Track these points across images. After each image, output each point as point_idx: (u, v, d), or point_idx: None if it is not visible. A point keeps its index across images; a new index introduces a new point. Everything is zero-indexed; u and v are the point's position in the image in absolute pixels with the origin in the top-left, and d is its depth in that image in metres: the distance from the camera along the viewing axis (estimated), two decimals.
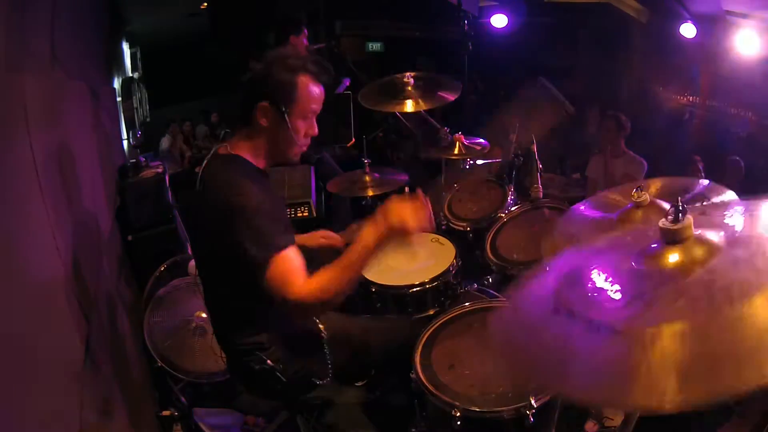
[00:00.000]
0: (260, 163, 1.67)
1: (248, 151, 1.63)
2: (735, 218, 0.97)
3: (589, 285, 0.93)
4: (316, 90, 1.61)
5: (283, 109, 1.56)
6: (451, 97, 2.80)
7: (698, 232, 0.90)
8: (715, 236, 0.90)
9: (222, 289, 1.67)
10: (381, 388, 2.56)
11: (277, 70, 1.56)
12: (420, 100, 2.77)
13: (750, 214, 0.98)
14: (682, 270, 0.86)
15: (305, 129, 1.63)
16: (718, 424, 1.74)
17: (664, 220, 0.91)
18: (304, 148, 1.69)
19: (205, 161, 1.67)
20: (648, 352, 0.73)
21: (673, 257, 0.88)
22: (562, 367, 0.83)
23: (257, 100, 1.57)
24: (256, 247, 1.45)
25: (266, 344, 1.69)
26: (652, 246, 0.92)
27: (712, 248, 0.88)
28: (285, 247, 1.48)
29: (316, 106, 1.63)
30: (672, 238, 0.90)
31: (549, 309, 0.94)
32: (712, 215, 1.01)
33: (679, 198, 0.89)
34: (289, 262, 1.48)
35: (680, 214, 0.89)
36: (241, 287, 1.62)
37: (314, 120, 1.66)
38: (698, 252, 0.87)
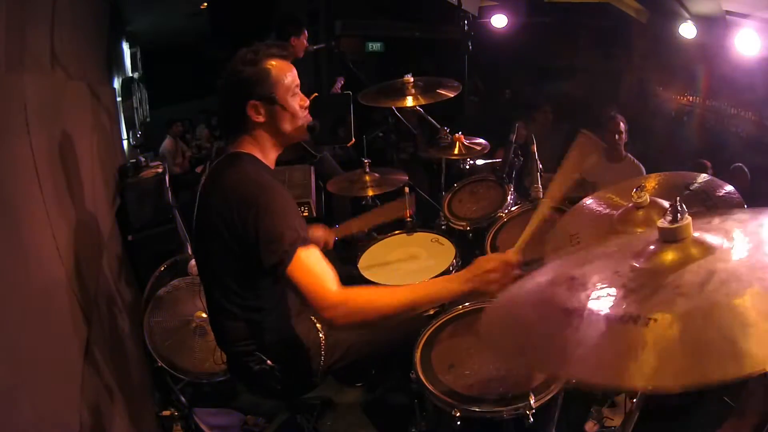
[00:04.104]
0: (269, 160, 1.71)
1: (256, 149, 1.67)
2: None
3: (587, 283, 0.93)
4: (286, 65, 1.66)
5: (272, 95, 1.61)
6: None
7: (697, 233, 0.90)
8: (713, 238, 0.90)
9: (225, 289, 1.66)
10: (381, 388, 2.56)
11: (244, 68, 1.59)
12: (420, 96, 2.75)
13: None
14: (678, 265, 0.86)
15: (298, 103, 1.68)
16: (717, 424, 1.74)
17: (662, 220, 0.91)
18: (307, 120, 1.72)
19: (213, 161, 1.70)
20: (644, 338, 0.75)
21: (670, 254, 0.89)
22: (563, 354, 0.84)
23: (244, 101, 1.60)
24: (280, 240, 1.44)
25: (266, 345, 1.69)
26: (651, 247, 0.93)
27: (708, 247, 0.88)
28: (311, 243, 1.49)
29: (295, 79, 1.68)
30: (670, 237, 0.90)
31: (543, 304, 0.95)
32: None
33: (678, 198, 0.89)
34: (316, 258, 1.47)
35: (678, 214, 0.89)
36: (245, 287, 1.62)
37: (300, 92, 1.70)
38: (694, 250, 0.88)
